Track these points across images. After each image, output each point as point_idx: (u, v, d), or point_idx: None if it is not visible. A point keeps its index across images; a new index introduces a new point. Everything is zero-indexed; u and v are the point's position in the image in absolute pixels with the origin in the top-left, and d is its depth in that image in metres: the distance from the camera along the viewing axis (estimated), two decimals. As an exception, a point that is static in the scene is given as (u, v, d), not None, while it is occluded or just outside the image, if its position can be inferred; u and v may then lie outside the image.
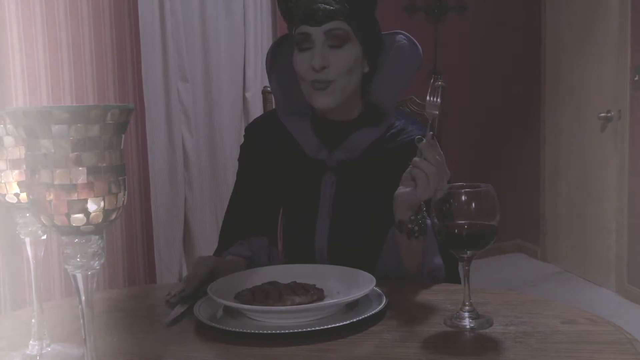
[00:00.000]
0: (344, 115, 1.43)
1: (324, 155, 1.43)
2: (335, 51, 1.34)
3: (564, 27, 4.25)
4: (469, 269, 1.05)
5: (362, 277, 1.18)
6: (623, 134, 3.68)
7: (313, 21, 1.33)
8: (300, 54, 1.37)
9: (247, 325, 1.05)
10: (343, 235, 1.42)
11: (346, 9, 1.34)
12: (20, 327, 1.10)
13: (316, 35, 1.34)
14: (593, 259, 4.05)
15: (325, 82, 1.35)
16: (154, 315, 1.17)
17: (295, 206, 1.46)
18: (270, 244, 1.48)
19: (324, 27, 1.33)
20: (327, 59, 1.34)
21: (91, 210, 0.69)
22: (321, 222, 1.42)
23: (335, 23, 1.34)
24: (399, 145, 1.41)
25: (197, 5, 3.58)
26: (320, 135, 1.43)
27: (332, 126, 1.43)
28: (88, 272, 0.72)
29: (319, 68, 1.33)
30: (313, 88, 1.36)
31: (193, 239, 3.67)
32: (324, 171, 1.43)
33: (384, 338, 1.01)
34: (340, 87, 1.37)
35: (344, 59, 1.35)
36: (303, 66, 1.36)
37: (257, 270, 1.29)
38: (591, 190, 4.05)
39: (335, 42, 1.34)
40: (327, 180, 1.42)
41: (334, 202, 1.42)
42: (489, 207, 1.03)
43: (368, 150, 1.42)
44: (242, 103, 3.78)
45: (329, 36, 1.34)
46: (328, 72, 1.34)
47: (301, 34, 1.36)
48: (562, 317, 1.06)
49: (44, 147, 0.67)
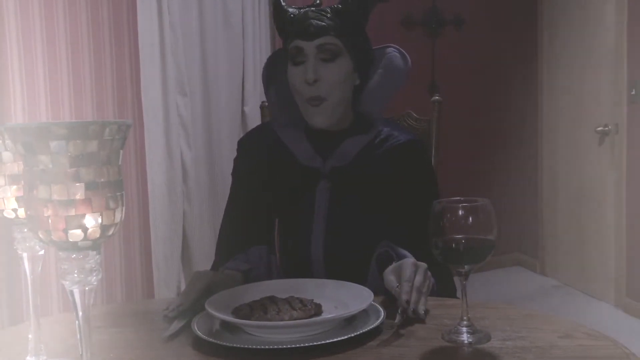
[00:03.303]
0: (336, 126, 1.48)
1: (318, 164, 1.47)
2: (326, 65, 1.40)
3: (561, 41, 4.27)
4: (466, 284, 1.05)
5: (360, 292, 1.19)
6: (620, 148, 3.69)
7: (306, 36, 1.39)
8: (294, 68, 1.43)
9: (244, 341, 1.05)
10: (339, 241, 1.46)
11: (337, 25, 1.40)
12: (17, 342, 1.09)
13: (309, 50, 1.40)
14: (592, 272, 4.04)
15: (319, 99, 1.40)
16: (152, 331, 1.17)
17: (291, 214, 1.52)
18: (269, 252, 1.50)
19: (315, 42, 1.39)
20: (318, 73, 1.39)
21: (89, 225, 0.69)
22: (317, 228, 1.47)
23: (327, 38, 1.39)
24: (386, 150, 1.48)
25: (196, 20, 3.59)
26: (313, 144, 1.48)
27: (325, 136, 1.48)
28: (85, 288, 0.72)
29: (311, 81, 1.39)
30: (309, 105, 1.42)
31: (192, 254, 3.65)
32: (319, 179, 1.47)
33: (382, 353, 1.01)
34: (333, 105, 1.42)
35: (335, 72, 1.40)
36: (297, 80, 1.42)
37: (254, 285, 1.29)
38: (589, 204, 4.05)
39: (326, 56, 1.40)
40: (322, 188, 1.47)
41: (329, 208, 1.47)
42: (486, 222, 1.03)
43: (358, 157, 1.47)
44: (240, 117, 3.79)
45: (320, 50, 1.40)
46: (320, 86, 1.40)
47: (295, 47, 1.41)
48: (560, 331, 1.06)
49: (42, 162, 0.68)
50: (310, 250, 1.47)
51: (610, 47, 3.74)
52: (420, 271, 1.18)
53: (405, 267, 1.19)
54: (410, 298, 1.12)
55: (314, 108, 1.41)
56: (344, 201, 1.46)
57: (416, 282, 1.15)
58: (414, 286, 1.14)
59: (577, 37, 4.09)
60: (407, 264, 1.20)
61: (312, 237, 1.47)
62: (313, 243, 1.47)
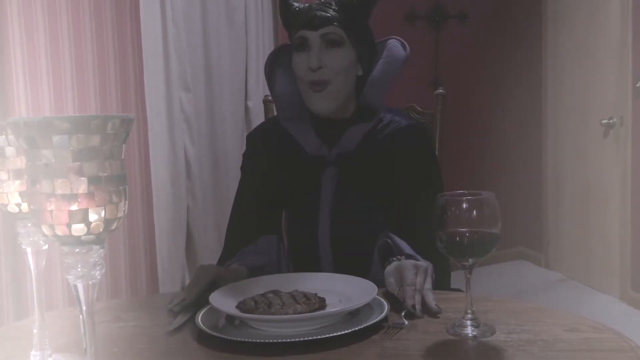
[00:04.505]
0: (339, 114, 1.52)
1: (324, 152, 1.52)
2: (330, 52, 1.45)
3: (566, 34, 4.26)
4: (470, 277, 1.04)
5: (364, 285, 1.19)
6: (625, 141, 3.68)
7: (310, 26, 1.45)
8: (298, 56, 1.47)
9: (249, 335, 1.05)
10: (345, 226, 1.51)
11: (341, 17, 1.46)
12: (22, 337, 1.10)
13: (313, 39, 1.45)
14: (596, 266, 4.04)
15: (322, 83, 1.45)
16: (156, 325, 1.17)
17: (299, 202, 1.56)
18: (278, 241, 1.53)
19: (320, 31, 1.45)
20: (322, 60, 1.44)
21: (92, 220, 0.69)
22: (323, 214, 1.51)
23: (331, 28, 1.45)
24: (389, 134, 1.53)
25: (199, 15, 3.59)
26: (319, 134, 1.52)
27: (330, 125, 1.52)
28: (89, 282, 0.72)
29: (315, 68, 1.43)
30: (312, 90, 1.46)
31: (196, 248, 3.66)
32: (325, 167, 1.52)
33: (386, 346, 1.01)
34: (336, 90, 1.46)
35: (338, 59, 1.45)
36: (301, 67, 1.46)
37: (259, 279, 1.30)
38: (594, 197, 4.04)
39: (330, 45, 1.45)
40: (328, 175, 1.52)
41: (336, 194, 1.51)
42: (490, 215, 1.03)
43: (362, 143, 1.51)
44: (244, 112, 3.79)
45: (324, 39, 1.45)
46: (324, 72, 1.44)
47: (299, 37, 1.47)
48: (564, 325, 1.06)
49: (45, 157, 0.68)
50: (317, 237, 1.51)
51: (615, 40, 3.72)
52: (421, 272, 1.20)
53: (405, 270, 1.20)
54: (415, 302, 1.13)
55: (317, 93, 1.45)
56: (350, 186, 1.51)
57: (418, 284, 1.17)
58: (417, 289, 1.16)
59: (581, 30, 4.07)
60: (407, 266, 1.22)
61: (319, 223, 1.51)
62: (320, 229, 1.51)
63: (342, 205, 1.51)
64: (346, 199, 1.51)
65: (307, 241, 1.54)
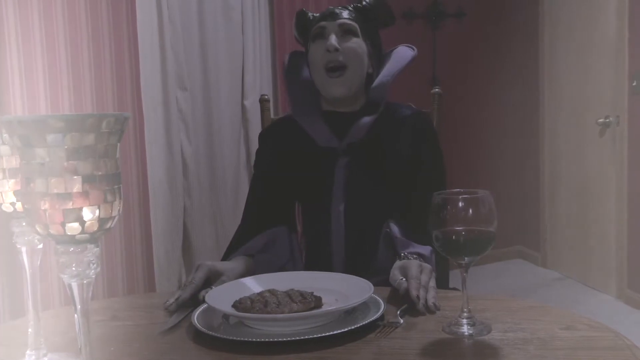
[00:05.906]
0: (349, 107, 1.60)
1: (335, 143, 1.58)
2: (347, 39, 1.56)
3: (562, 33, 4.26)
4: (466, 276, 1.04)
5: (360, 284, 1.19)
6: (622, 139, 3.68)
7: (329, 17, 1.58)
8: (315, 44, 1.58)
9: (245, 333, 1.05)
10: (358, 214, 1.56)
11: (357, 16, 1.59)
12: (17, 336, 1.09)
13: (331, 27, 1.56)
14: (593, 264, 4.04)
15: (340, 67, 1.53)
16: (153, 324, 1.17)
17: (312, 193, 1.61)
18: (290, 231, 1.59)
19: (338, 21, 1.57)
20: (340, 44, 1.54)
21: (86, 219, 0.69)
22: (336, 202, 1.56)
23: (347, 20, 1.57)
24: (396, 122, 1.61)
25: (196, 14, 3.59)
26: (330, 127, 1.59)
27: (340, 118, 1.60)
28: (84, 281, 0.72)
29: (333, 49, 1.53)
30: (328, 77, 1.54)
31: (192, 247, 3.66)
32: (337, 158, 1.57)
33: (382, 345, 1.01)
34: (352, 76, 1.55)
35: (355, 45, 1.56)
36: (318, 52, 1.56)
37: (255, 278, 1.30)
38: (591, 196, 4.04)
39: (347, 34, 1.56)
40: (340, 164, 1.57)
41: (347, 183, 1.56)
42: (486, 213, 1.03)
43: (370, 131, 1.58)
44: (240, 111, 3.79)
45: (342, 28, 1.56)
46: (342, 55, 1.53)
47: (318, 27, 1.58)
48: (561, 323, 1.06)
49: (39, 156, 0.67)
50: (330, 223, 1.56)
51: (611, 39, 3.73)
52: (426, 272, 1.23)
53: (411, 267, 1.24)
54: (419, 294, 1.15)
55: (334, 79, 1.54)
56: (361, 174, 1.56)
57: (423, 280, 1.20)
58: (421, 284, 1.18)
59: (578, 29, 4.07)
60: (413, 264, 1.25)
61: (332, 211, 1.56)
62: (333, 217, 1.56)
63: (354, 191, 1.56)
64: (358, 185, 1.56)
65: (320, 228, 1.59)
